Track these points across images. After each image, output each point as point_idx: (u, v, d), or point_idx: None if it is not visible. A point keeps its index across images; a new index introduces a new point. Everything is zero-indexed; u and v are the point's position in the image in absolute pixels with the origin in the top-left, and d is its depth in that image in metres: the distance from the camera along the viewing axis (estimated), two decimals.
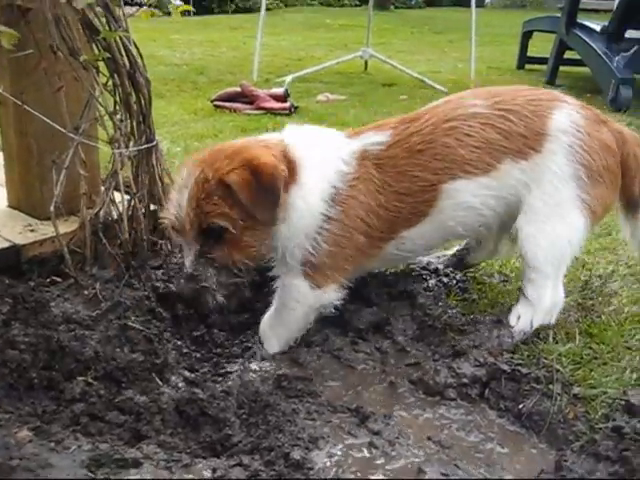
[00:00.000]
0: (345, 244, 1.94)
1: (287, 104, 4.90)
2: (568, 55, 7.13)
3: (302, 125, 2.14)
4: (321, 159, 1.96)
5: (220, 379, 1.99)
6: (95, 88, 2.34)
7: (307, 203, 1.91)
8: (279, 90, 5.06)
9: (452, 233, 2.10)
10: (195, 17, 11.79)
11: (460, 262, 2.45)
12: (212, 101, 5.04)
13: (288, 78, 5.54)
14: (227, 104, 4.96)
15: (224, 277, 2.04)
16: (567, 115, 1.98)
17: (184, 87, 5.87)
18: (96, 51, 2.32)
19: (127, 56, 2.38)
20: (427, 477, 1.49)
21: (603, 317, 2.16)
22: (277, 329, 2.06)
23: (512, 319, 2.05)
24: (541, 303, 2.03)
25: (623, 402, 1.73)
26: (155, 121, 4.42)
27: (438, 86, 6.35)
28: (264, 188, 1.82)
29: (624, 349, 1.98)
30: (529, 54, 8.33)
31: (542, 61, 7.75)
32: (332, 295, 1.99)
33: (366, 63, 7.33)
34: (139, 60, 2.44)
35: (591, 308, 2.20)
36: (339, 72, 7.11)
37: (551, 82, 7.07)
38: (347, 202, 1.92)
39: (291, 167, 1.91)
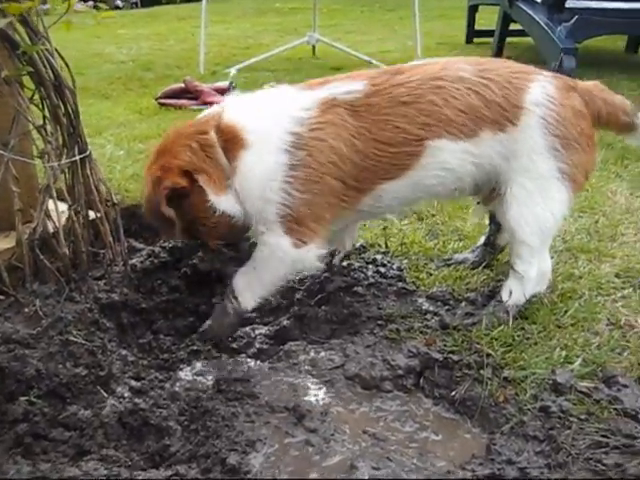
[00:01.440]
0: (318, 190, 1.94)
1: None
2: (515, 26, 7.18)
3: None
4: (271, 113, 1.98)
5: (166, 385, 2.02)
6: (21, 103, 2.32)
7: (262, 160, 1.92)
8: (224, 84, 5.03)
9: (429, 192, 2.11)
10: (142, 9, 11.61)
11: (494, 247, 2.47)
12: (157, 99, 5.00)
13: (232, 70, 5.51)
14: (172, 101, 4.92)
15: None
16: (541, 87, 2.00)
17: (130, 85, 5.80)
18: (19, 65, 2.30)
19: (50, 68, 2.36)
20: (359, 472, 1.53)
21: (537, 296, 2.21)
22: (254, 286, 2.06)
23: (504, 294, 2.11)
24: (530, 275, 2.09)
25: (551, 381, 1.78)
26: (100, 124, 4.45)
27: (385, 66, 6.36)
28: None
29: (555, 327, 2.04)
30: (477, 28, 8.36)
31: (490, 34, 7.76)
32: (315, 253, 2.00)
33: (314, 48, 7.31)
34: (63, 72, 2.40)
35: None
36: (287, 58, 7.08)
37: (498, 55, 7.11)
38: (313, 146, 1.93)
39: (230, 134, 1.95)
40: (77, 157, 2.48)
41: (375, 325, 2.09)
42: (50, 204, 2.44)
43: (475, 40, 8.36)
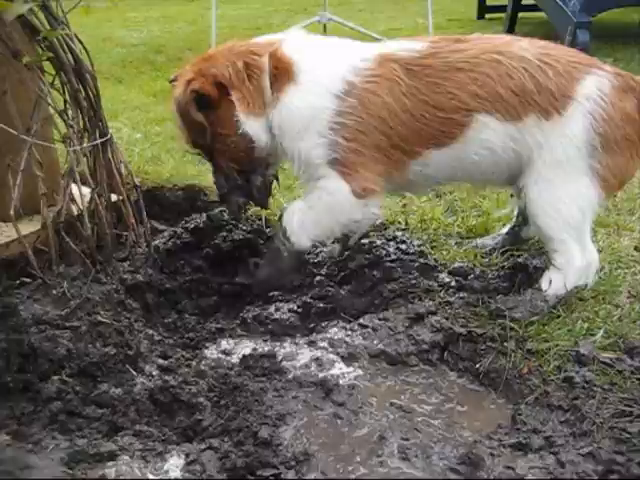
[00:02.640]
0: (365, 140, 1.93)
1: None
2: (527, 1, 7.12)
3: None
4: (329, 57, 1.98)
5: (193, 363, 2.06)
6: (42, 88, 2.35)
7: (309, 100, 1.92)
8: None
9: (469, 171, 2.07)
10: None
11: (516, 237, 2.42)
12: (171, 82, 5.00)
13: None
14: None
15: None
16: (596, 82, 1.94)
17: (143, 69, 5.81)
18: (39, 51, 2.33)
19: (71, 53, 2.39)
20: (388, 443, 1.57)
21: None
22: (310, 227, 2.03)
23: (544, 284, 2.05)
24: (572, 266, 2.02)
25: (574, 353, 1.81)
26: (115, 107, 4.46)
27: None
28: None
29: (577, 300, 2.06)
30: (488, 3, 8.29)
31: (502, 9, 7.71)
32: (374, 203, 2.01)
33: (325, 27, 7.27)
34: (82, 56, 2.43)
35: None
36: None
37: (511, 30, 7.06)
38: (365, 96, 1.92)
39: (283, 65, 1.94)
40: (98, 141, 2.52)
41: (399, 301, 2.11)
42: (73, 188, 2.48)
43: (487, 16, 8.30)
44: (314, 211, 2.02)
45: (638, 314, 1.99)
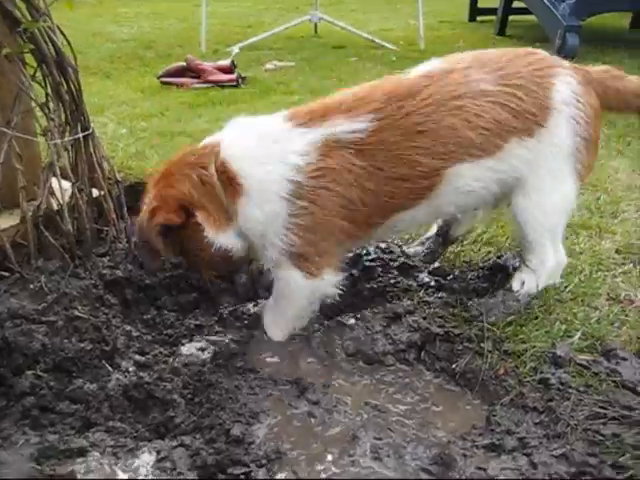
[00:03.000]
0: (325, 231, 1.85)
1: (234, 75, 4.87)
2: (518, 4, 7.13)
3: (245, 120, 1.97)
4: (267, 158, 1.84)
5: (170, 360, 2.05)
6: (23, 80, 2.33)
7: (261, 208, 1.83)
8: (226, 62, 5.01)
9: (446, 214, 2.08)
10: None
11: (446, 237, 2.38)
12: (159, 78, 4.99)
13: (234, 49, 5.49)
14: (174, 80, 4.91)
15: None
16: (567, 84, 1.90)
17: (131, 64, 5.78)
18: (20, 43, 2.31)
19: (52, 45, 2.36)
20: (361, 442, 1.56)
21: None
22: (279, 321, 2.02)
23: (515, 285, 2.06)
24: (544, 267, 2.05)
25: (550, 354, 1.81)
26: (101, 102, 4.44)
27: (388, 45, 6.34)
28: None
29: (555, 302, 2.06)
30: (479, 5, 8.30)
31: (493, 12, 7.71)
32: (330, 280, 1.92)
33: (315, 26, 7.27)
34: (64, 49, 2.41)
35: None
36: (289, 37, 7.05)
37: (501, 33, 7.08)
38: (315, 194, 1.81)
39: (228, 176, 1.84)
40: (80, 135, 2.50)
41: (378, 300, 2.11)
42: (54, 182, 2.46)
43: (478, 18, 8.31)
44: (278, 305, 2.01)
45: (616, 317, 1.99)
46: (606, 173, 3.12)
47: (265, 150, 1.86)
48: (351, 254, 2.26)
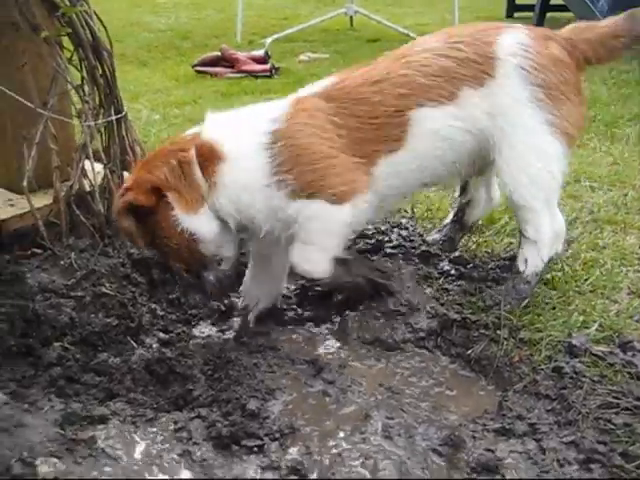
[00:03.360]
0: (308, 158, 1.87)
1: (268, 66, 4.92)
2: (556, 1, 7.06)
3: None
4: (245, 123, 1.97)
5: (192, 338, 2.11)
6: (60, 63, 2.40)
7: (243, 166, 1.88)
8: (259, 52, 5.07)
9: (430, 168, 2.02)
10: None
11: (463, 224, 2.37)
12: (194, 67, 5.07)
13: (268, 40, 5.54)
14: (208, 69, 4.98)
15: None
16: (513, 37, 1.94)
17: (168, 54, 5.88)
18: (58, 26, 2.38)
19: (89, 30, 2.43)
20: (372, 421, 1.59)
21: (559, 263, 2.23)
22: (317, 257, 1.94)
23: (521, 265, 2.04)
24: (543, 238, 2.01)
25: (566, 344, 1.82)
26: (137, 90, 4.53)
27: None
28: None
29: (575, 293, 2.07)
30: (518, 2, 8.22)
31: (531, 8, 7.65)
32: (363, 199, 1.92)
33: (351, 19, 7.28)
34: (101, 34, 2.47)
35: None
36: (324, 30, 7.08)
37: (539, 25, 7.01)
38: (287, 131, 1.88)
39: (208, 150, 1.89)
40: (113, 117, 2.57)
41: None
42: (87, 164, 2.53)
43: (515, 15, 8.23)
44: (316, 244, 1.94)
45: (636, 310, 1.99)
46: (635, 170, 3.09)
47: (244, 118, 2.00)
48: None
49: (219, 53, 5.05)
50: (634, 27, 2.02)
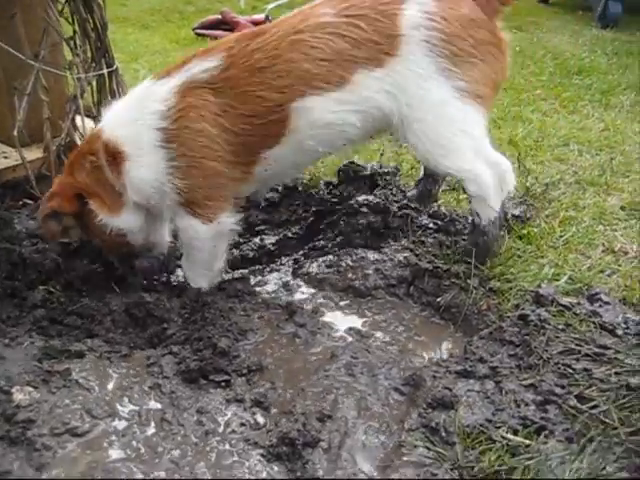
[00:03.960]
0: (200, 174, 1.88)
1: None
2: None
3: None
4: (136, 116, 1.90)
5: (171, 283, 2.17)
6: (51, 15, 2.42)
7: (143, 164, 1.89)
8: (260, 16, 5.06)
9: (315, 152, 1.98)
10: None
11: (434, 177, 2.36)
12: (194, 29, 5.07)
13: (270, 5, 5.52)
14: (209, 32, 4.98)
15: None
16: (418, 5, 1.82)
17: (170, 17, 5.87)
18: None
19: None
20: (338, 360, 1.64)
21: (537, 221, 2.26)
22: (195, 269, 2.04)
23: (475, 218, 2.00)
24: (486, 189, 1.93)
25: (533, 294, 1.85)
26: (136, 51, 4.54)
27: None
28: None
29: (549, 248, 2.10)
30: None
31: None
32: (226, 222, 1.95)
33: None
34: None
35: (526, 212, 2.29)
36: None
37: (544, 1, 6.94)
38: (180, 135, 1.86)
39: (112, 151, 1.90)
40: (105, 70, 2.60)
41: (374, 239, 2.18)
42: (77, 119, 2.57)
43: None
44: (189, 255, 2.03)
45: (608, 266, 2.03)
46: (625, 135, 3.10)
47: (132, 110, 1.93)
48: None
49: (220, 16, 5.04)
50: None
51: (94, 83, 2.63)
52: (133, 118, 1.90)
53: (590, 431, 1.45)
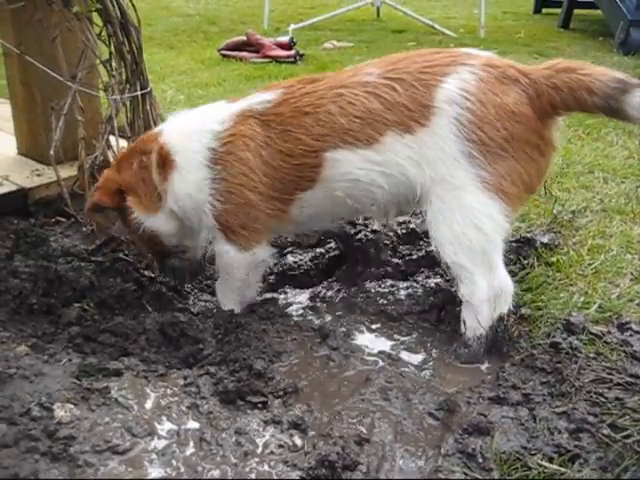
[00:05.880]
0: (237, 201, 1.93)
1: (292, 52, 4.99)
2: None
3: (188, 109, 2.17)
4: (193, 131, 1.98)
5: (205, 304, 2.20)
6: (89, 38, 2.49)
7: (188, 179, 1.96)
8: (285, 38, 5.14)
9: (344, 205, 1.96)
10: None
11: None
12: (219, 50, 5.15)
13: (292, 26, 5.61)
14: (234, 53, 5.06)
15: None
16: (458, 82, 1.77)
17: (195, 37, 5.98)
18: (89, 2, 2.47)
19: (118, 6, 2.52)
20: (372, 385, 1.67)
21: (565, 248, 2.28)
22: (227, 294, 2.10)
23: (462, 326, 1.88)
24: (478, 299, 1.83)
25: (564, 322, 1.87)
26: (163, 71, 4.63)
27: (448, 32, 6.37)
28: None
29: (578, 276, 2.11)
30: None
31: (559, 4, 7.63)
32: (262, 253, 2.01)
33: (378, 10, 7.33)
34: (129, 11, 2.56)
35: (554, 239, 2.31)
36: (351, 19, 7.13)
37: (565, 26, 7.00)
38: (225, 159, 1.93)
39: (164, 156, 1.98)
40: (139, 92, 2.66)
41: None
42: (112, 139, 2.62)
43: (543, 10, 8.22)
44: (222, 279, 2.09)
45: (637, 295, 2.04)
46: None
47: (196, 125, 2.00)
48: None
49: (245, 38, 5.13)
50: (614, 94, 1.72)
51: (128, 104, 2.69)
52: (192, 132, 1.98)
53: (624, 460, 1.46)
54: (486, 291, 1.83)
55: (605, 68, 1.78)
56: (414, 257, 2.29)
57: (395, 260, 2.30)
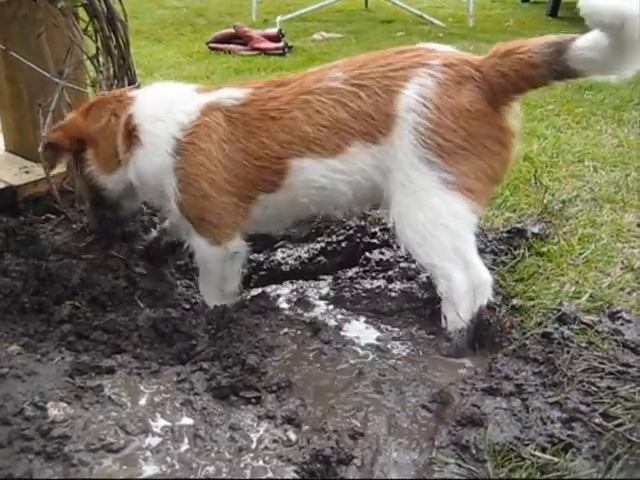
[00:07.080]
0: (194, 192, 1.93)
1: (281, 44, 4.97)
2: None
3: (166, 84, 2.21)
4: (163, 116, 1.98)
5: (197, 300, 2.20)
6: (76, 34, 2.47)
7: (153, 162, 1.98)
8: (273, 30, 5.12)
9: (307, 209, 1.98)
10: None
11: None
12: (208, 43, 5.13)
13: (280, 18, 5.58)
14: (222, 46, 5.04)
15: None
16: (417, 88, 1.76)
17: (183, 30, 5.95)
18: None
19: (104, 1, 2.50)
20: (365, 378, 1.67)
21: (556, 238, 2.29)
22: (208, 288, 2.12)
23: (443, 322, 1.90)
24: (456, 293, 1.83)
25: (556, 312, 1.88)
26: (151, 65, 4.60)
27: (436, 21, 6.36)
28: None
29: (569, 266, 2.13)
30: None
31: None
32: (234, 247, 2.01)
33: (366, 0, 7.30)
34: (116, 5, 2.54)
35: (545, 229, 2.32)
36: (339, 10, 7.11)
37: (553, 14, 7.00)
38: (187, 149, 1.93)
39: (130, 128, 2.00)
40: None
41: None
42: None
43: None
44: (201, 273, 2.12)
45: (627, 284, 2.05)
46: (639, 152, 3.13)
47: (165, 110, 2.00)
48: None
49: (233, 30, 5.10)
50: (553, 59, 1.68)
51: None
52: (160, 117, 1.99)
53: (616, 449, 1.47)
54: (463, 285, 1.83)
55: (539, 37, 1.74)
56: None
57: (387, 254, 2.30)
